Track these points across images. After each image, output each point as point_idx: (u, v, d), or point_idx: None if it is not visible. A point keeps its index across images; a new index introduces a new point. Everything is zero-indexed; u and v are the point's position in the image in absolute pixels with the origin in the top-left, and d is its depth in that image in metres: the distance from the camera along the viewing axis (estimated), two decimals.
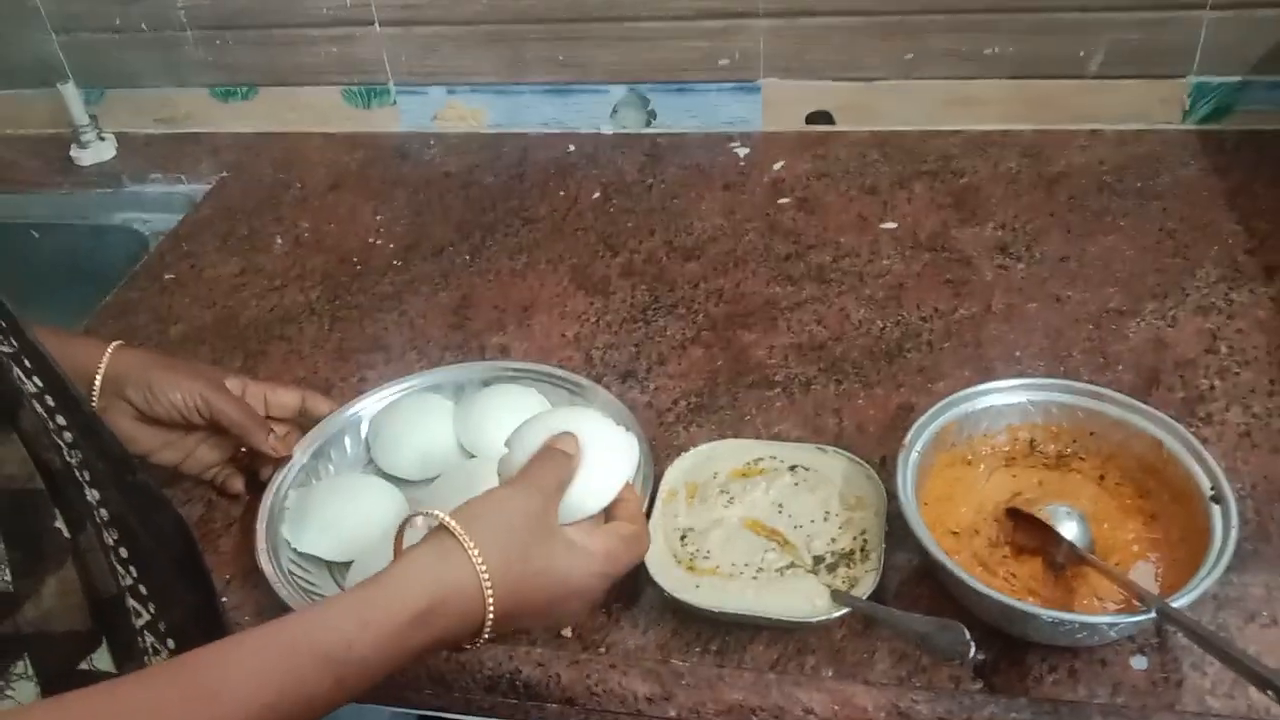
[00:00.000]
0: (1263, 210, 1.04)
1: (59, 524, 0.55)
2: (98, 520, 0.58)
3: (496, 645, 0.72)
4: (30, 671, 0.51)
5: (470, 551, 0.57)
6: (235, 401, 0.82)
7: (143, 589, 0.60)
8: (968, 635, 0.60)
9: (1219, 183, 1.09)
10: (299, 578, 0.77)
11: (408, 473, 0.85)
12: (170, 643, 0.60)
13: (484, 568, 0.57)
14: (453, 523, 0.58)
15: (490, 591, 0.57)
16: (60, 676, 0.52)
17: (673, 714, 0.69)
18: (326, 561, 0.79)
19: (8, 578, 0.51)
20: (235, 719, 0.49)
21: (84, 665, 0.54)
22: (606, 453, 0.67)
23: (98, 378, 0.79)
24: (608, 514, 0.66)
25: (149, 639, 0.59)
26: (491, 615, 0.57)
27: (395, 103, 1.34)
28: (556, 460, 0.64)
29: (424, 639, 0.56)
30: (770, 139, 1.25)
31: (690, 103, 1.26)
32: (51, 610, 0.53)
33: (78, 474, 0.58)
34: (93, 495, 0.59)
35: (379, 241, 1.16)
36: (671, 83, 1.25)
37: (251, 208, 1.25)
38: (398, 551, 0.62)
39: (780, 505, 0.76)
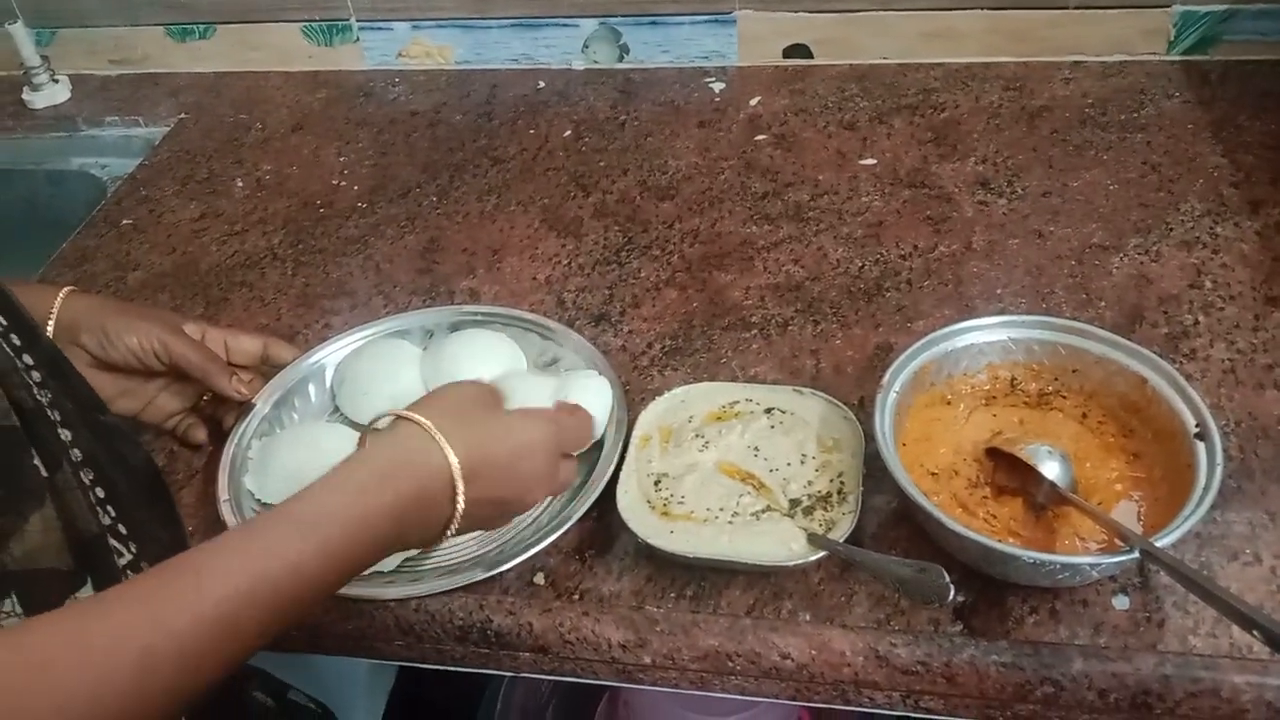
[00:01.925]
0: (1248, 143, 1.02)
1: (36, 462, 0.54)
2: (73, 460, 0.57)
3: (467, 594, 0.70)
4: (18, 609, 0.51)
5: (419, 420, 0.60)
6: (194, 344, 0.79)
7: (122, 528, 0.59)
8: (947, 577, 0.59)
9: (1204, 115, 1.06)
10: None
11: None
12: None
13: (433, 428, 0.60)
14: (402, 410, 0.62)
15: (445, 445, 0.59)
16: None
17: (647, 661, 0.68)
18: None
19: None
20: (223, 599, 0.49)
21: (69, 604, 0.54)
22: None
23: (50, 323, 0.76)
24: None
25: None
26: (458, 467, 0.59)
27: (358, 39, 1.29)
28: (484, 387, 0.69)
29: (394, 494, 0.57)
30: (746, 74, 1.22)
31: (664, 36, 1.23)
32: (36, 548, 0.52)
33: (49, 413, 0.57)
34: (65, 435, 0.58)
35: (343, 183, 1.12)
36: (644, 15, 1.21)
37: (211, 150, 1.21)
38: None
39: (756, 448, 0.74)
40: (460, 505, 0.60)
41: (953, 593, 0.59)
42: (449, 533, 0.61)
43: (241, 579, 0.50)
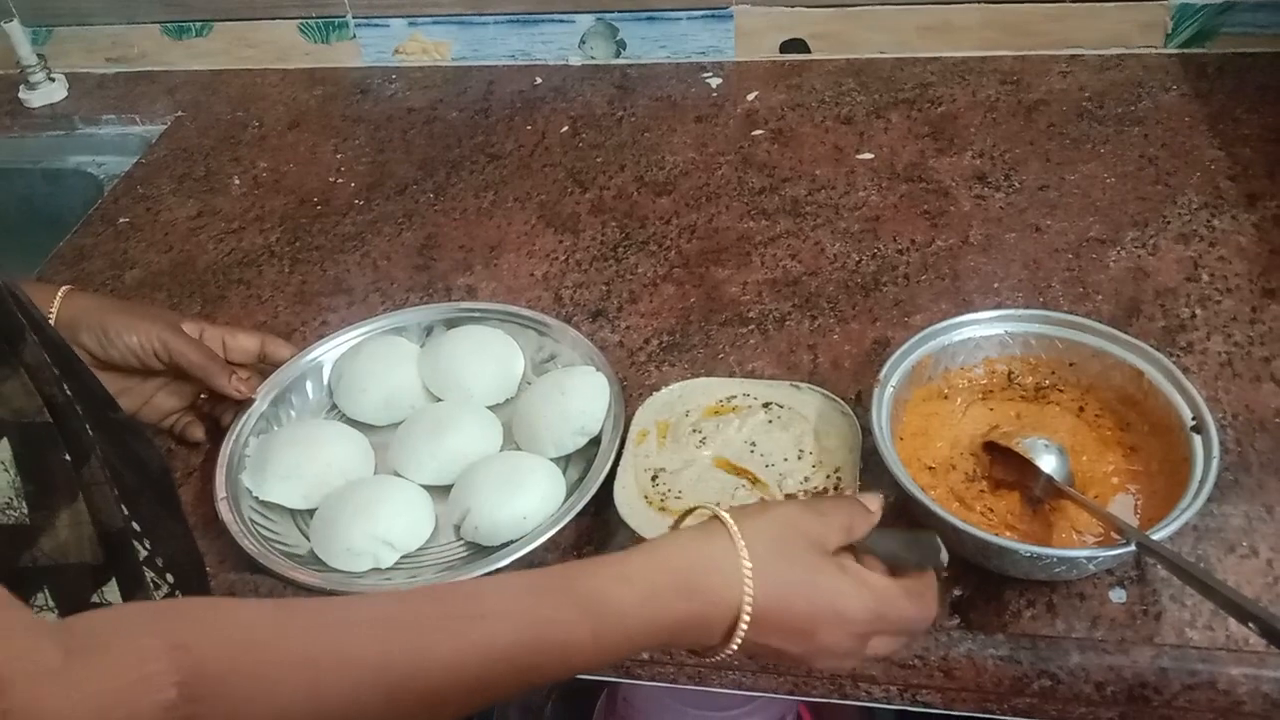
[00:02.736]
0: (1245, 136, 1.02)
1: (66, 457, 0.54)
2: (98, 455, 0.57)
3: None
4: (51, 603, 0.51)
5: (735, 536, 0.54)
6: (194, 343, 0.79)
7: (135, 525, 0.59)
8: (939, 541, 0.58)
9: (1201, 108, 1.06)
10: (261, 526, 0.75)
11: (371, 417, 0.83)
12: (170, 577, 0.60)
13: (745, 554, 0.54)
14: (723, 513, 0.56)
15: (749, 578, 0.53)
16: (79, 608, 0.51)
17: (645, 656, 0.68)
18: (290, 510, 0.77)
19: (24, 510, 0.51)
20: (491, 648, 0.48)
21: (95, 598, 0.54)
22: None
23: (49, 322, 0.76)
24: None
25: (149, 574, 0.58)
26: (749, 608, 0.53)
27: (355, 36, 1.29)
28: (852, 505, 0.60)
29: (679, 611, 0.53)
30: (743, 69, 1.22)
31: (660, 31, 1.22)
32: (66, 543, 0.53)
33: (76, 408, 0.57)
34: (89, 430, 0.58)
35: (340, 180, 1.12)
36: (641, 11, 1.21)
37: (208, 148, 1.21)
38: None
39: (753, 444, 0.74)
40: (736, 643, 0.54)
41: (945, 555, 0.57)
42: (718, 656, 0.56)
43: (511, 642, 0.49)
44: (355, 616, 0.48)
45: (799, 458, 0.73)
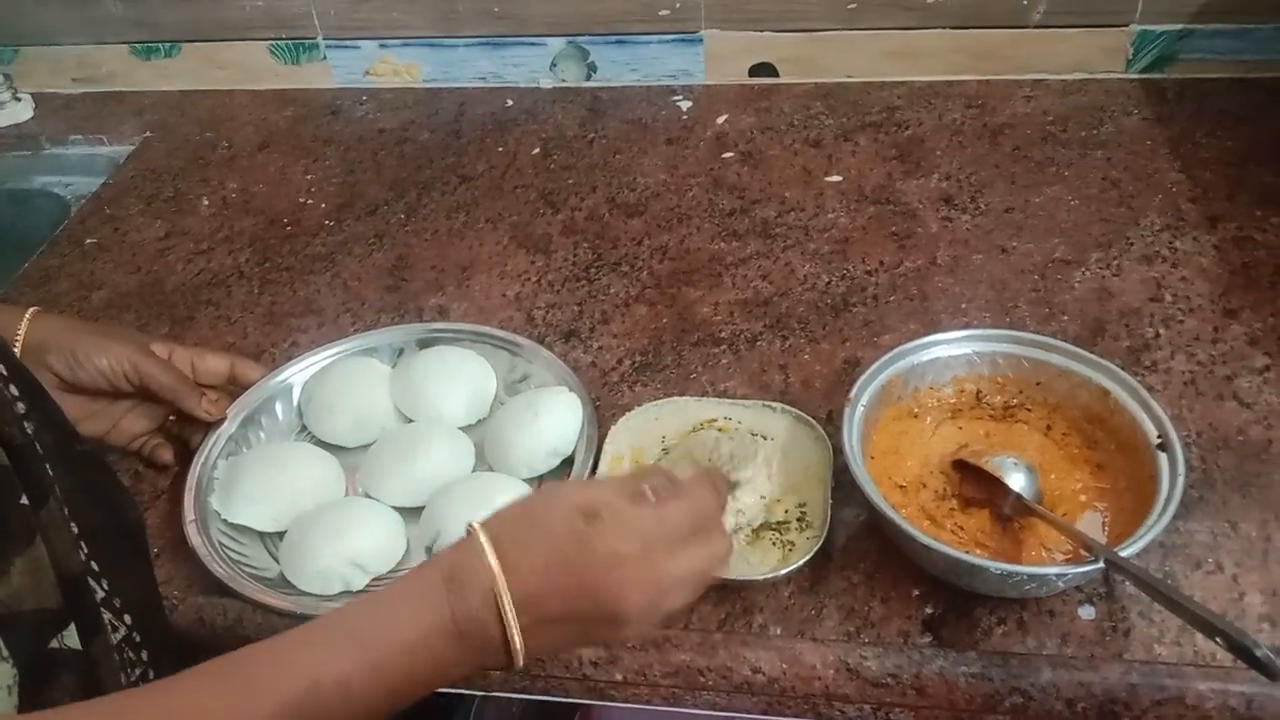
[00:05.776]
0: (1205, 159, 1.04)
1: (24, 501, 0.53)
2: (57, 495, 0.56)
3: None
4: (5, 653, 0.50)
5: (476, 529, 0.54)
6: (164, 365, 0.79)
7: (94, 565, 0.58)
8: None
9: (1162, 132, 1.08)
10: (230, 549, 0.74)
11: (342, 439, 0.83)
12: (127, 618, 0.59)
13: (484, 536, 0.53)
14: (478, 520, 0.55)
15: (488, 549, 0.52)
16: (35, 656, 0.51)
17: (619, 678, 0.68)
18: (259, 533, 0.77)
19: None
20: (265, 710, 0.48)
21: (54, 644, 0.53)
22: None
23: (16, 346, 0.75)
24: None
25: (107, 615, 0.57)
26: (496, 565, 0.51)
27: (325, 58, 1.29)
28: (642, 471, 0.59)
29: (451, 615, 0.51)
30: (713, 92, 1.23)
31: (631, 55, 1.23)
32: (20, 590, 0.51)
33: (36, 447, 0.56)
34: (48, 469, 0.56)
35: (310, 201, 1.12)
36: (611, 34, 1.22)
37: (177, 169, 1.20)
38: None
39: (731, 454, 0.74)
40: (513, 622, 0.51)
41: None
42: (518, 658, 0.52)
43: (294, 690, 0.48)
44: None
45: (768, 477, 0.73)
